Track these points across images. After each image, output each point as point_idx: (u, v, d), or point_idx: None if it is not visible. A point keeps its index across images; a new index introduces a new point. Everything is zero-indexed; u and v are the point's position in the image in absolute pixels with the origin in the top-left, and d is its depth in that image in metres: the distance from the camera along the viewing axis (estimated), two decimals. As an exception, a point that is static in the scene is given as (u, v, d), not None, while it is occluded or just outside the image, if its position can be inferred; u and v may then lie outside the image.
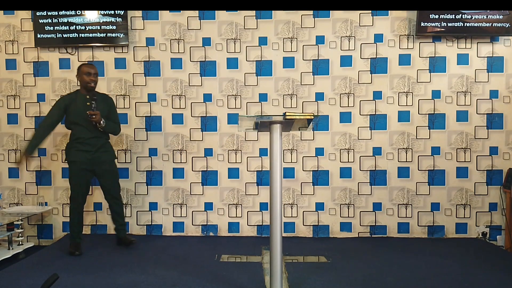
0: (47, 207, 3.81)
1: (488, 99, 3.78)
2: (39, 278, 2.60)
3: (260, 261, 3.11)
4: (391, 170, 3.82)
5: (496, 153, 3.80)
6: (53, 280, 1.86)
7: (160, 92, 3.84)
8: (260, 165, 3.84)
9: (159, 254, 3.25)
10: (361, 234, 3.84)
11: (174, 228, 3.89)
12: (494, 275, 2.80)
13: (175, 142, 3.86)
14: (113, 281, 2.65)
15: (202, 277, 2.72)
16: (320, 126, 3.82)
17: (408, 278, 2.74)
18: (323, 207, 3.85)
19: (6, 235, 3.34)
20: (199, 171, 3.86)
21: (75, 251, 3.21)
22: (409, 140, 3.81)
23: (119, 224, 3.47)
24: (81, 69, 3.25)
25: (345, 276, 2.76)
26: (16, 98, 3.87)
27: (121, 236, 3.45)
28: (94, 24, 3.72)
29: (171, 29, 3.81)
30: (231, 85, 3.83)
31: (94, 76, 3.25)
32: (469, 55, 3.77)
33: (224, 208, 3.87)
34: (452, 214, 3.82)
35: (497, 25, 3.62)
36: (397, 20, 3.76)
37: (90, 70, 3.23)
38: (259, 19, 3.79)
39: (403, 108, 3.80)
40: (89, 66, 3.27)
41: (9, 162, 3.89)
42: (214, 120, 3.84)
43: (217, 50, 3.82)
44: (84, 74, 3.22)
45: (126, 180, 3.86)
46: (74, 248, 3.24)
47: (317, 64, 3.81)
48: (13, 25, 3.83)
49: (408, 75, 3.79)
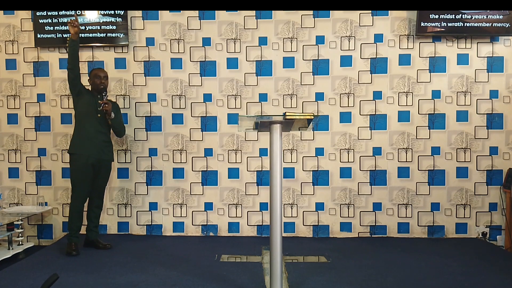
0: (47, 207, 3.81)
1: (488, 99, 3.78)
2: (39, 278, 2.60)
3: (260, 261, 3.11)
4: (391, 170, 3.82)
5: (496, 153, 3.80)
6: (53, 280, 1.86)
7: (160, 92, 3.84)
8: (260, 165, 3.84)
9: (159, 254, 3.25)
10: (361, 234, 3.84)
11: (174, 228, 3.89)
12: (494, 275, 2.80)
13: (175, 142, 3.86)
14: (113, 281, 2.65)
15: (202, 277, 2.72)
16: (320, 126, 3.82)
17: (408, 278, 2.74)
18: (323, 207, 3.85)
19: (6, 235, 3.34)
20: (199, 171, 3.86)
21: (72, 251, 3.20)
22: (409, 140, 3.81)
23: (94, 226, 3.44)
24: (92, 72, 3.39)
25: (345, 276, 2.76)
26: (16, 98, 3.87)
27: (93, 238, 3.42)
28: (94, 24, 3.72)
29: (171, 29, 3.81)
30: (231, 85, 3.83)
31: (104, 79, 3.36)
32: (469, 55, 3.77)
33: (224, 208, 3.87)
34: (452, 214, 3.82)
35: (497, 25, 3.62)
36: (397, 20, 3.76)
37: (100, 73, 3.36)
38: (259, 19, 3.79)
39: (403, 108, 3.80)
40: (99, 69, 3.42)
41: (9, 162, 3.89)
42: (214, 120, 3.84)
43: (217, 50, 3.82)
44: (95, 77, 3.34)
45: (126, 180, 3.86)
46: (72, 248, 3.23)
47: (317, 64, 3.81)
48: (13, 25, 3.83)
49: (408, 75, 3.79)
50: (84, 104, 3.29)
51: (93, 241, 3.41)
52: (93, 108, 3.28)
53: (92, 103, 3.29)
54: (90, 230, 3.43)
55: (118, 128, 3.46)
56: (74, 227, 3.28)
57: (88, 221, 3.44)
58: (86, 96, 3.31)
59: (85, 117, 3.29)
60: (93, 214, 3.43)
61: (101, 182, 3.42)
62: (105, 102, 3.25)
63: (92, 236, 3.42)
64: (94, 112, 3.28)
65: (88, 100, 3.29)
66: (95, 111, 3.28)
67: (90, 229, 3.43)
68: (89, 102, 3.29)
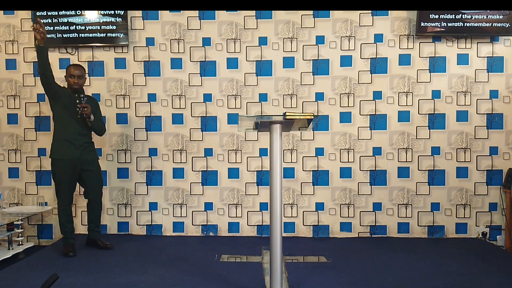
0: (47, 207, 3.81)
1: (488, 99, 3.78)
2: (39, 278, 2.60)
3: (260, 261, 3.11)
4: (391, 170, 3.82)
5: (496, 153, 3.80)
6: (53, 280, 1.86)
7: (160, 92, 3.84)
8: (260, 165, 3.84)
9: (159, 254, 3.25)
10: (361, 234, 3.84)
11: (174, 228, 3.89)
12: (494, 275, 2.80)
13: (175, 142, 3.86)
14: (113, 281, 2.65)
15: (202, 277, 2.72)
16: (320, 126, 3.82)
17: (408, 278, 2.74)
18: (323, 207, 3.85)
19: (6, 235, 3.34)
20: (199, 171, 3.86)
21: (69, 252, 3.20)
22: (409, 140, 3.81)
23: (95, 226, 3.42)
24: (67, 70, 3.28)
25: (345, 276, 2.76)
26: (16, 98, 3.87)
27: (95, 237, 3.41)
28: (94, 24, 3.71)
29: (171, 29, 3.81)
30: (231, 85, 3.83)
31: (78, 79, 3.24)
32: (469, 55, 3.77)
33: (224, 208, 3.87)
34: (452, 214, 3.82)
35: (497, 25, 3.62)
36: (397, 20, 3.76)
37: (75, 71, 3.23)
38: (259, 19, 3.79)
39: (403, 108, 3.80)
40: (76, 68, 3.26)
41: (9, 162, 3.89)
42: (214, 120, 3.84)
43: (217, 50, 3.82)
44: (69, 76, 3.24)
45: (126, 180, 3.86)
46: (68, 249, 3.22)
47: (317, 64, 3.81)
48: (13, 25, 3.83)
49: (408, 75, 3.79)
50: (61, 107, 3.19)
51: (94, 240, 3.41)
52: (71, 109, 3.19)
53: (70, 104, 3.19)
54: (92, 230, 3.43)
55: (97, 128, 3.38)
56: (67, 230, 3.27)
57: (89, 222, 3.44)
58: (62, 97, 3.19)
59: (64, 119, 3.20)
60: (93, 215, 3.41)
61: (94, 182, 3.35)
62: (84, 106, 3.17)
63: (93, 235, 3.42)
64: (74, 113, 3.20)
65: (65, 101, 3.18)
66: (74, 112, 3.19)
67: (92, 229, 3.43)
68: (66, 103, 3.19)
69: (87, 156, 3.28)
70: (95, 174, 3.37)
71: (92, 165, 3.34)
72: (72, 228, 3.33)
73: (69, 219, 3.30)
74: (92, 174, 3.34)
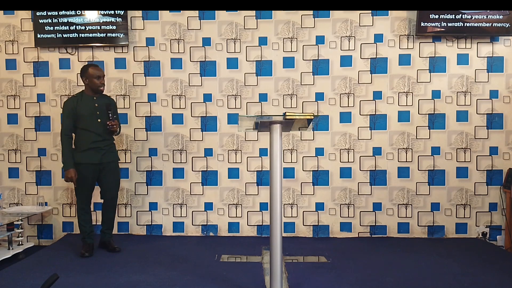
0: (47, 207, 3.81)
1: (488, 99, 3.78)
2: (39, 278, 2.60)
3: (260, 261, 3.11)
4: (391, 170, 3.82)
5: (496, 153, 3.80)
6: (53, 280, 1.86)
7: (160, 92, 3.84)
8: (260, 165, 3.84)
9: (159, 254, 3.25)
10: (361, 234, 3.84)
11: (174, 228, 3.89)
12: (494, 275, 2.80)
13: (175, 142, 3.86)
14: (113, 281, 2.66)
15: (202, 277, 2.72)
16: (320, 126, 3.82)
17: (408, 278, 2.74)
18: (323, 207, 3.85)
19: (6, 235, 3.34)
20: (199, 171, 3.86)
21: (84, 252, 3.19)
22: (409, 140, 3.81)
23: (107, 228, 3.41)
24: (89, 72, 3.19)
25: (345, 276, 2.76)
26: (16, 98, 3.87)
27: (106, 240, 3.40)
28: (94, 24, 3.71)
29: (171, 29, 3.81)
30: (231, 85, 3.83)
31: (104, 79, 3.27)
32: (469, 55, 3.77)
33: (224, 208, 3.87)
34: (452, 214, 3.82)
35: (497, 25, 3.62)
36: (397, 20, 3.76)
37: (100, 73, 3.22)
38: (259, 19, 3.79)
39: (403, 108, 3.80)
40: (98, 69, 3.23)
41: (9, 162, 3.89)
42: (214, 120, 3.84)
43: (217, 50, 3.82)
44: (94, 78, 3.19)
45: (126, 180, 3.86)
46: (84, 249, 3.22)
47: (317, 64, 3.81)
48: (13, 25, 3.83)
49: (408, 75, 3.79)
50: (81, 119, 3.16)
51: (105, 242, 3.40)
52: (92, 117, 3.18)
53: (90, 113, 3.18)
54: (103, 232, 3.42)
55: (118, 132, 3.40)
56: (85, 230, 3.27)
57: (102, 223, 3.43)
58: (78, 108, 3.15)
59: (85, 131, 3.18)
60: (105, 217, 3.40)
61: (111, 183, 3.33)
62: (113, 124, 3.18)
63: (104, 237, 3.41)
64: (95, 119, 3.19)
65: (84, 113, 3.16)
66: (95, 116, 3.19)
67: (103, 231, 3.42)
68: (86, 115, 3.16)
69: (107, 158, 3.28)
70: (114, 173, 3.35)
71: (111, 166, 3.32)
72: (90, 228, 3.30)
73: (87, 219, 3.29)
74: (112, 173, 3.32)
